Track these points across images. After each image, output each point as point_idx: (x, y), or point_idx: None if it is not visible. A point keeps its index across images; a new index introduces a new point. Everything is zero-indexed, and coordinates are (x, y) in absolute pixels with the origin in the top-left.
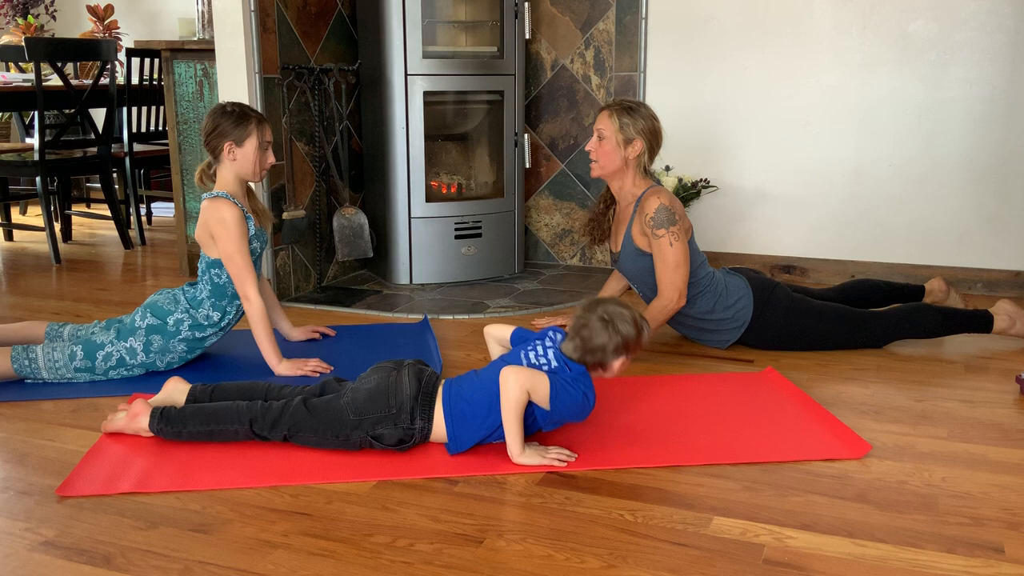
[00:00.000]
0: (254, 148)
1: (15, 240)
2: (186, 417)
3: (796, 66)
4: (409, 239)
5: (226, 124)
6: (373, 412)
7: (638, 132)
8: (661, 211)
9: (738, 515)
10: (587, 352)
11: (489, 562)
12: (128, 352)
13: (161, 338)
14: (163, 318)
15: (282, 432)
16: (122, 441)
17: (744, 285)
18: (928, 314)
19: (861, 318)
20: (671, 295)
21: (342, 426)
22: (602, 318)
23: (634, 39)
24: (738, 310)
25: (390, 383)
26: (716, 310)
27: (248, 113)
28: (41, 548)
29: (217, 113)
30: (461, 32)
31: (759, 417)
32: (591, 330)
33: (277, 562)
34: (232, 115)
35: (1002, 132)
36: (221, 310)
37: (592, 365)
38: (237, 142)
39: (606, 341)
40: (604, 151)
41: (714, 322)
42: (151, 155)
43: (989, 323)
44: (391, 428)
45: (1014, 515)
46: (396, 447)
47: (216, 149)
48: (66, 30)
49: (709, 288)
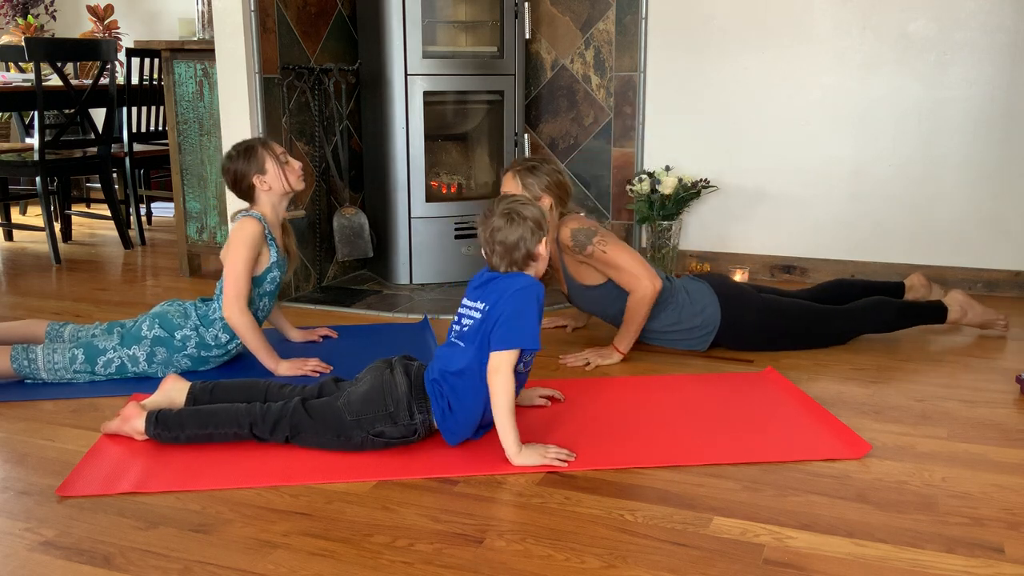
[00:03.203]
0: (275, 167)
1: (15, 240)
2: (183, 421)
3: (796, 66)
4: (409, 239)
5: (240, 164)
6: (370, 413)
7: (543, 189)
8: (577, 234)
9: (738, 515)
10: (510, 252)
11: (489, 562)
12: (130, 360)
13: (166, 351)
14: (171, 332)
15: (283, 434)
16: (122, 441)
17: (708, 290)
18: (886, 309)
19: (824, 314)
20: (637, 285)
21: (342, 427)
22: (504, 214)
23: (634, 39)
24: (707, 316)
25: (384, 383)
26: (683, 319)
27: (250, 144)
28: (41, 548)
29: (226, 164)
30: (461, 32)
31: (759, 417)
32: (501, 231)
33: (277, 562)
34: (240, 155)
35: (1002, 132)
36: (230, 332)
37: (524, 263)
38: (260, 171)
39: (521, 232)
40: None
41: (684, 331)
42: (151, 155)
43: (944, 314)
44: (391, 426)
45: (1014, 515)
46: (401, 440)
47: (249, 190)
48: (66, 30)
49: (670, 300)
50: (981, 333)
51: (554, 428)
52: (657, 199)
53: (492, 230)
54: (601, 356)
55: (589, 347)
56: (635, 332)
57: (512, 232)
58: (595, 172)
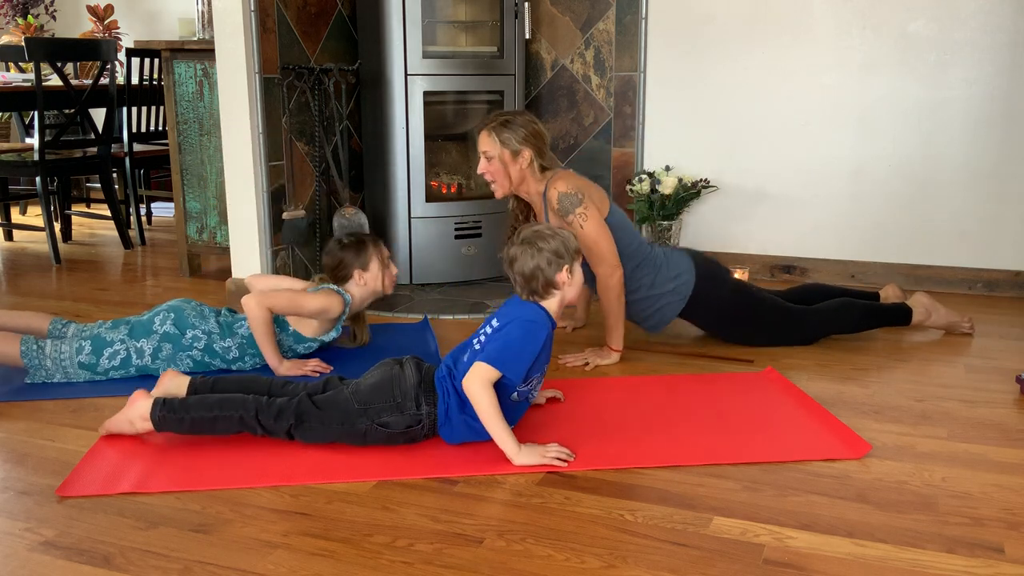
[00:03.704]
0: (378, 268)
1: (15, 240)
2: (189, 404)
3: (796, 66)
4: (409, 239)
5: (348, 256)
6: (378, 402)
7: (521, 142)
8: (564, 199)
9: (738, 515)
10: (529, 281)
11: (489, 562)
12: (136, 352)
13: (172, 347)
14: (183, 329)
15: (287, 422)
16: (122, 441)
17: (687, 260)
18: (853, 311)
19: (795, 313)
20: (605, 269)
21: (347, 415)
22: (522, 243)
23: (634, 39)
24: (680, 283)
25: (393, 375)
26: (657, 283)
27: (363, 240)
28: (41, 548)
29: (336, 249)
30: (461, 32)
31: (759, 417)
32: (519, 261)
33: (277, 562)
34: (351, 247)
35: (1002, 132)
36: (242, 352)
37: (544, 291)
38: (363, 267)
39: (536, 262)
40: (495, 170)
41: (655, 297)
42: (151, 155)
43: (908, 316)
44: (398, 416)
45: (1014, 515)
46: (405, 433)
47: (345, 279)
48: (66, 30)
49: (647, 261)
50: (946, 335)
51: (554, 428)
52: (657, 199)
53: (510, 260)
54: (600, 356)
55: (589, 347)
56: (618, 325)
57: (528, 262)
58: (595, 172)
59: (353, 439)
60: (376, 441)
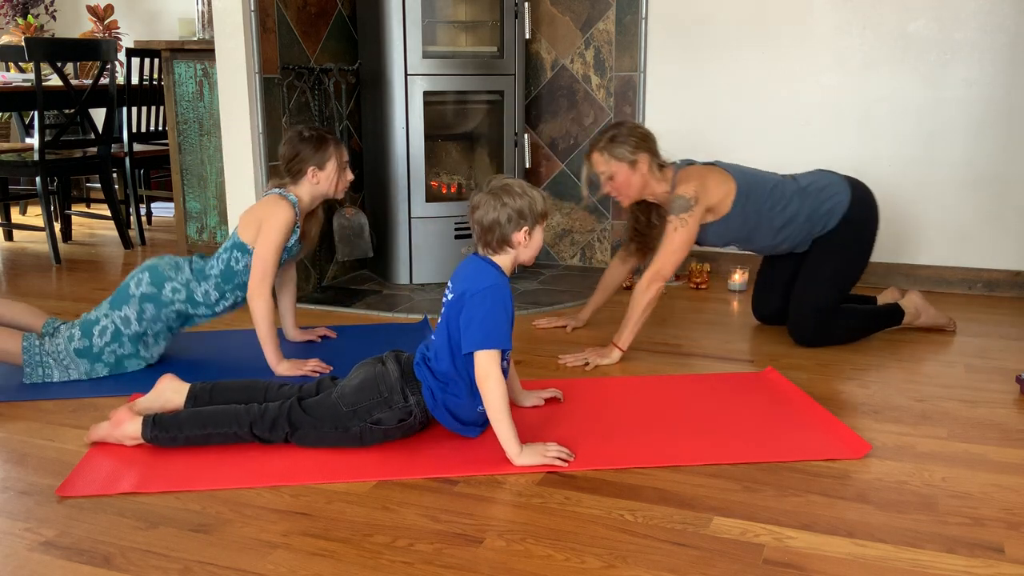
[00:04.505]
0: (334, 168)
1: (15, 240)
2: (181, 422)
3: (796, 66)
4: (409, 239)
5: (306, 150)
6: (366, 401)
7: (636, 151)
8: (677, 200)
9: (738, 515)
10: (485, 233)
11: (489, 562)
12: (123, 322)
13: (154, 307)
14: (159, 285)
15: (282, 432)
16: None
17: (841, 182)
18: (852, 317)
19: (847, 308)
20: (656, 273)
21: (339, 419)
22: (491, 193)
23: (634, 39)
24: (835, 204)
25: (376, 373)
26: (810, 209)
27: (326, 136)
28: (41, 548)
29: (295, 139)
30: (461, 32)
31: (759, 417)
32: (483, 208)
33: (277, 562)
34: (311, 140)
35: (1002, 132)
36: (221, 292)
37: (498, 247)
38: (319, 166)
39: (496, 215)
40: (620, 185)
41: (804, 221)
42: (151, 155)
43: (901, 317)
44: (388, 411)
45: (1014, 515)
46: (400, 427)
47: (298, 174)
48: (66, 30)
49: (792, 199)
50: (939, 332)
51: (554, 428)
52: None
53: (473, 207)
54: (600, 356)
55: (589, 347)
56: (634, 328)
57: (489, 213)
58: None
59: (351, 442)
60: (374, 440)
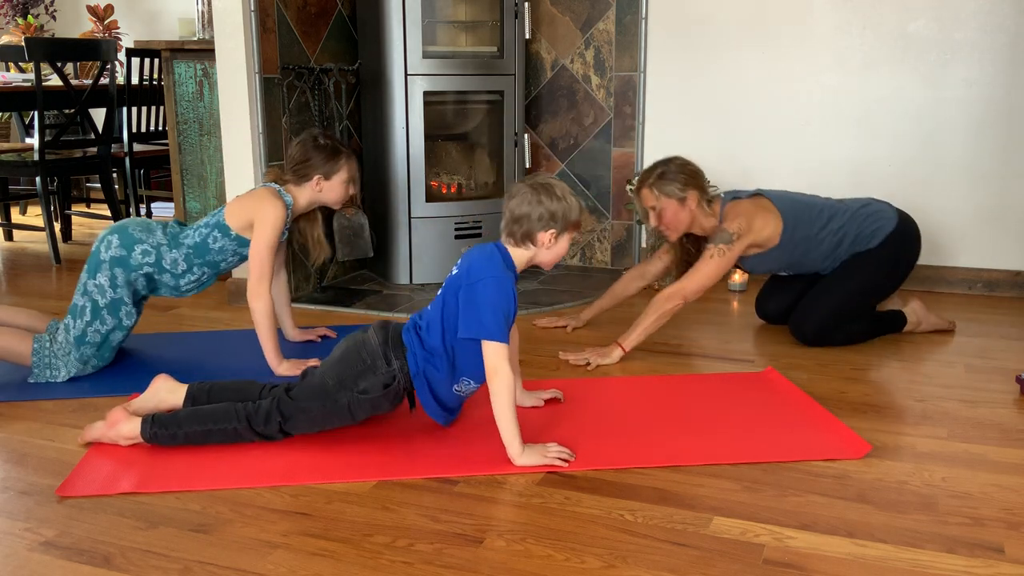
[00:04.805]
0: (342, 182)
1: (15, 240)
2: (181, 419)
3: (796, 66)
4: (409, 239)
5: (318, 157)
6: (350, 370)
7: (684, 187)
8: (722, 232)
9: (738, 515)
10: (512, 223)
11: (489, 562)
12: (99, 290)
13: (123, 271)
14: (129, 247)
15: (275, 423)
16: None
17: (889, 209)
18: (856, 321)
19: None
20: (679, 291)
21: (326, 395)
22: (532, 187)
23: (634, 39)
24: (878, 227)
25: (357, 341)
26: (850, 227)
27: (339, 149)
28: (41, 548)
29: (309, 144)
30: (461, 32)
31: (759, 417)
32: (519, 198)
33: (277, 562)
34: (325, 149)
35: (1002, 132)
36: (189, 264)
37: (521, 240)
38: (326, 176)
39: (529, 210)
40: (669, 220)
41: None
42: (151, 155)
43: (903, 323)
44: (372, 378)
45: (1014, 515)
46: (386, 395)
47: (303, 178)
48: (66, 30)
49: (843, 225)
50: (940, 333)
51: (554, 428)
52: None
53: (510, 195)
54: (601, 356)
55: (589, 347)
56: (642, 333)
57: (523, 206)
58: (595, 172)
59: (341, 418)
60: (363, 413)
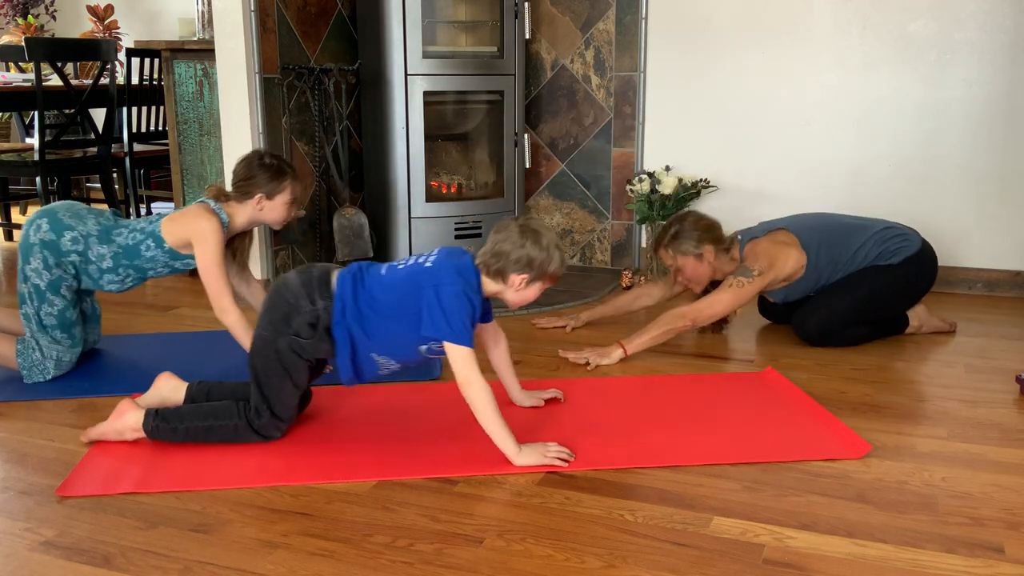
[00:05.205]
0: (284, 203)
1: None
2: (183, 414)
3: (796, 66)
4: (409, 239)
5: (262, 176)
6: (277, 314)
7: (699, 244)
8: (742, 269)
9: (738, 515)
10: (492, 255)
11: (489, 562)
12: (36, 273)
13: (52, 255)
14: (59, 232)
15: (265, 412)
16: (121, 442)
17: (914, 237)
18: (862, 327)
19: (884, 321)
20: (696, 311)
21: (267, 347)
22: (522, 228)
23: (634, 39)
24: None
25: (278, 285)
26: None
27: (284, 170)
28: (41, 548)
29: (254, 163)
30: (461, 32)
31: (759, 417)
32: (504, 235)
33: (277, 562)
34: (270, 168)
35: (1002, 132)
36: (116, 264)
37: (494, 275)
38: (269, 195)
39: (510, 249)
40: (690, 276)
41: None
42: (151, 155)
43: (905, 326)
44: (298, 318)
45: (1014, 515)
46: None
47: (245, 196)
48: (66, 30)
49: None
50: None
51: (554, 428)
52: (657, 199)
53: (498, 228)
54: (601, 356)
55: (589, 347)
56: (647, 342)
57: (506, 244)
58: (595, 172)
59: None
60: (307, 355)
